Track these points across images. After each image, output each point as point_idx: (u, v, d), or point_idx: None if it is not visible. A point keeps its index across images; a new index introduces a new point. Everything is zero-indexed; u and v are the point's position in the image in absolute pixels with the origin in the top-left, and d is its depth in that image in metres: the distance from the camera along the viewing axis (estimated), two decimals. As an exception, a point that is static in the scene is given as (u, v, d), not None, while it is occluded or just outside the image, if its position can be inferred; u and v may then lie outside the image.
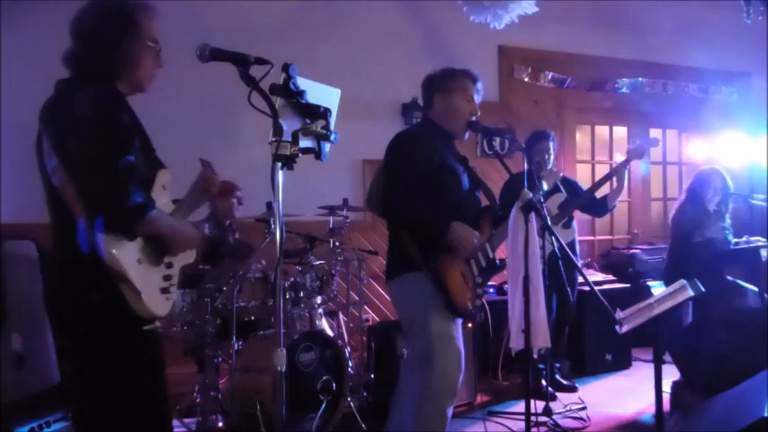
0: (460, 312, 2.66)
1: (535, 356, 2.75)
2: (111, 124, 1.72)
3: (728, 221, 4.32)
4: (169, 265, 1.86)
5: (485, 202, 2.98)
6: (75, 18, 1.87)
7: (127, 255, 1.70)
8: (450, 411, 2.69)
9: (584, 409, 3.84)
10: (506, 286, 3.88)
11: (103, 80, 1.82)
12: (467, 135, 2.87)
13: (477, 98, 2.82)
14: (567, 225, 4.30)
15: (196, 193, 2.07)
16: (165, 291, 1.83)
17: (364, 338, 4.11)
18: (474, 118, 2.80)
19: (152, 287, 1.77)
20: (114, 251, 1.66)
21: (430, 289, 2.60)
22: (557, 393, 4.08)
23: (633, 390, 4.27)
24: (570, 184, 4.41)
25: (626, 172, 4.24)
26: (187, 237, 1.87)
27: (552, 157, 4.24)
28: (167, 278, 1.85)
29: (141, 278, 1.72)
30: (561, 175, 3.48)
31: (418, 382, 2.65)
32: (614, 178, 4.31)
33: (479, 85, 2.82)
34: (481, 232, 2.76)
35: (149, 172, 1.84)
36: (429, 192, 2.64)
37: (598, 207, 4.40)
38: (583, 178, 5.96)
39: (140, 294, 1.71)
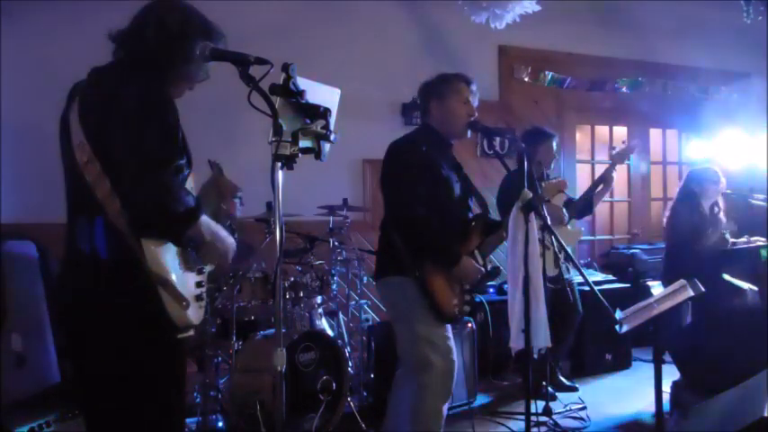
0: (446, 318, 2.68)
1: (535, 357, 2.76)
2: (166, 123, 1.65)
3: (723, 220, 4.32)
4: (200, 272, 1.81)
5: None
6: (157, 9, 1.81)
7: (170, 260, 1.65)
8: (445, 410, 2.70)
9: (584, 409, 3.84)
10: (506, 286, 3.88)
11: (153, 75, 1.73)
12: (469, 134, 2.87)
13: (474, 100, 2.82)
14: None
15: (209, 196, 2.04)
16: (198, 298, 1.77)
17: (364, 338, 4.11)
18: (473, 118, 2.80)
19: (190, 295, 1.71)
20: (160, 256, 1.61)
21: (415, 293, 2.62)
22: (557, 393, 4.08)
23: (633, 390, 4.27)
24: None
25: (613, 176, 4.29)
26: (227, 246, 1.81)
27: (555, 157, 4.24)
28: (199, 285, 1.79)
29: (182, 285, 1.67)
30: (566, 184, 3.50)
31: (413, 382, 2.67)
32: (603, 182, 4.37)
33: (474, 87, 2.83)
34: (470, 240, 2.77)
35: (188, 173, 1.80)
36: (427, 202, 2.64)
37: (584, 208, 4.43)
38: (583, 178, 5.97)
39: (187, 303, 1.65)
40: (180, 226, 1.63)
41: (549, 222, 3.10)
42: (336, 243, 4.02)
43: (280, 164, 1.67)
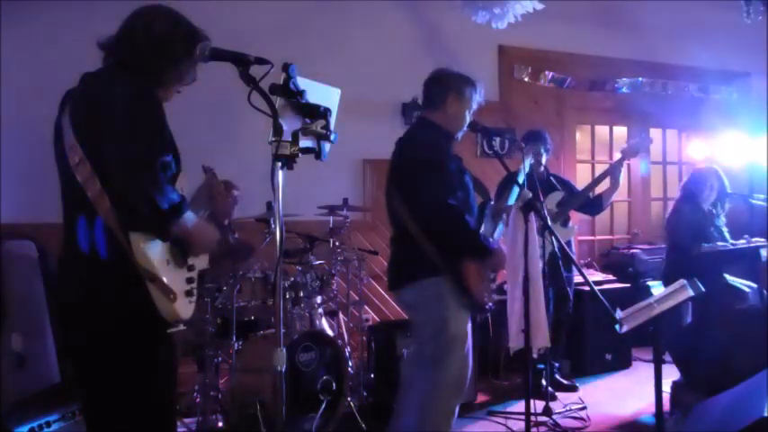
0: (480, 308, 2.71)
1: (535, 356, 2.77)
2: (153, 121, 1.69)
3: (724, 220, 4.32)
4: (191, 268, 1.84)
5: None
6: (144, 15, 1.85)
7: (157, 255, 1.67)
8: (457, 409, 2.71)
9: (584, 409, 3.84)
10: (506, 286, 3.88)
11: (143, 78, 1.78)
12: (460, 137, 2.90)
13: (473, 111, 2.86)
14: (565, 224, 4.30)
15: (202, 200, 2.06)
16: (188, 294, 1.80)
17: (364, 338, 4.11)
18: (467, 129, 2.85)
19: (179, 290, 1.74)
20: (147, 251, 1.64)
21: (449, 291, 2.60)
22: (557, 393, 4.08)
23: (633, 390, 4.27)
24: (565, 184, 4.42)
25: (621, 170, 4.21)
26: (211, 238, 1.85)
27: (544, 158, 4.23)
28: (190, 281, 1.82)
29: (171, 280, 1.69)
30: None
31: (428, 381, 2.65)
32: (609, 176, 4.30)
33: (480, 102, 2.86)
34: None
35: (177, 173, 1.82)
36: (456, 198, 2.64)
37: (593, 206, 4.41)
38: (583, 178, 5.96)
39: (175, 296, 1.68)
40: (166, 220, 1.66)
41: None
42: (336, 243, 4.02)
43: (280, 164, 1.67)
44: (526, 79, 5.69)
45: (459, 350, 2.64)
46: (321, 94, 1.86)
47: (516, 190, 3.11)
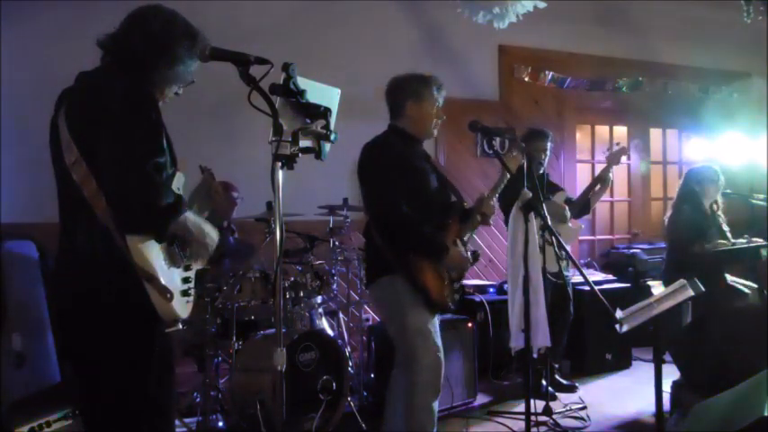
0: (440, 307, 2.74)
1: (535, 356, 2.77)
2: (148, 122, 1.69)
3: (724, 218, 4.31)
4: (187, 268, 1.84)
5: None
6: (142, 15, 1.85)
7: (154, 255, 1.68)
8: (436, 405, 2.73)
9: (584, 408, 3.84)
10: (506, 286, 3.88)
11: (139, 78, 1.79)
12: (435, 134, 2.93)
13: (440, 103, 2.88)
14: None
15: (199, 200, 2.06)
16: (185, 293, 1.81)
17: (364, 338, 4.11)
18: (439, 122, 2.87)
19: (175, 289, 1.74)
20: (144, 251, 1.64)
21: (405, 288, 2.66)
22: (557, 393, 4.07)
23: (633, 390, 4.27)
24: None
25: (610, 175, 4.34)
26: (211, 237, 1.85)
27: (548, 157, 4.25)
28: (186, 280, 1.83)
29: (168, 280, 1.70)
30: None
31: (404, 380, 2.70)
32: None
33: (444, 93, 2.89)
34: (450, 228, 2.82)
35: (173, 174, 1.83)
36: (409, 198, 2.69)
37: (583, 208, 4.45)
38: (583, 178, 5.97)
39: (171, 296, 1.68)
40: (161, 221, 1.67)
41: (551, 221, 3.12)
42: (336, 243, 4.02)
43: (280, 164, 1.67)
44: (526, 79, 5.69)
45: (426, 345, 2.66)
46: (321, 94, 1.86)
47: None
